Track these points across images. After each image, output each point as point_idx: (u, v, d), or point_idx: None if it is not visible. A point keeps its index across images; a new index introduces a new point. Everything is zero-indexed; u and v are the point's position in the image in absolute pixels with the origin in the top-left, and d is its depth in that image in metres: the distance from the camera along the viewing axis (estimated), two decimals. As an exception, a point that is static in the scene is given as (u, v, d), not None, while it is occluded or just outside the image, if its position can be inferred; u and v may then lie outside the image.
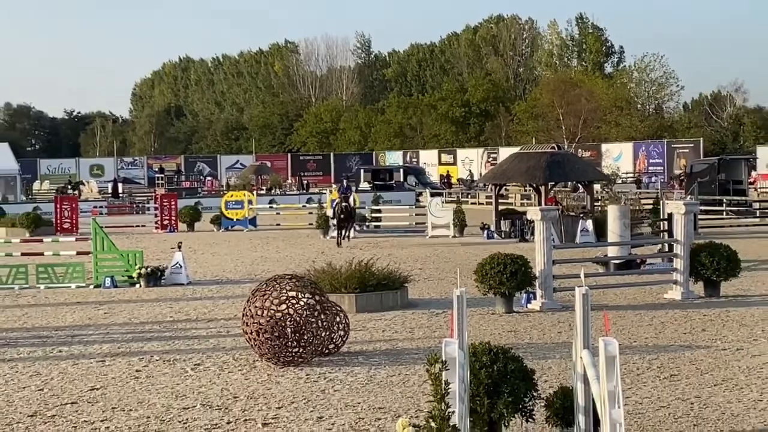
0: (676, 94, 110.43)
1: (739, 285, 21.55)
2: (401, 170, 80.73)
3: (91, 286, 23.76)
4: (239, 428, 10.94)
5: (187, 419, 11.36)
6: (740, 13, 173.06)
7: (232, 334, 16.63)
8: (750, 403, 11.72)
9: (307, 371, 13.80)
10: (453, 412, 6.55)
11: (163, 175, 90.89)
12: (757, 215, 45.58)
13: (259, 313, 14.17)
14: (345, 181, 39.15)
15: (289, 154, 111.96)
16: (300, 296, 14.36)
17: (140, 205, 61.75)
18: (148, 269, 24.01)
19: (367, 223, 42.72)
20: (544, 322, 17.82)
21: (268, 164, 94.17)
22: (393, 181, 72.98)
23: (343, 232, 35.12)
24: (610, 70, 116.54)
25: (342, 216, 34.35)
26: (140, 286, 23.66)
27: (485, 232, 37.20)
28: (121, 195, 72.77)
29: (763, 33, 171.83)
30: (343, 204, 34.54)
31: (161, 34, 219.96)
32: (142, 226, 46.31)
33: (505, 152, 75.65)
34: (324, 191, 58.16)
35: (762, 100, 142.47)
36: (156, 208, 46.74)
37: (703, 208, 41.24)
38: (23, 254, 26.30)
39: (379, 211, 46.37)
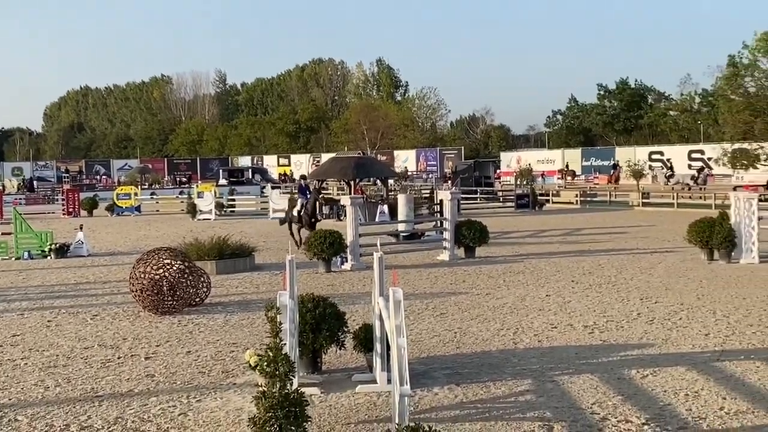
0: (445, 115, 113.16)
1: (488, 249, 22.14)
2: (250, 170, 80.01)
3: (13, 258, 22.76)
4: (127, 362, 10.63)
5: (87, 356, 10.97)
6: (491, 56, 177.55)
7: (122, 292, 16.12)
8: (495, 331, 12.04)
9: (179, 318, 13.53)
10: (285, 344, 6.52)
11: (68, 175, 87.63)
12: (501, 200, 46.91)
13: (142, 276, 13.82)
14: (303, 181, 27.86)
15: (165, 159, 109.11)
16: (173, 263, 14.08)
17: (51, 196, 59.29)
18: (57, 245, 23.16)
19: (224, 209, 42.12)
20: (353, 278, 17.93)
21: (150, 166, 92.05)
22: (244, 178, 72.00)
23: (298, 233, 23.45)
24: (400, 98, 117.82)
25: (313, 220, 23.42)
26: (51, 258, 22.73)
27: (311, 214, 37.19)
28: (36, 190, 69.51)
29: (505, 72, 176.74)
30: (309, 205, 23.36)
31: (66, 67, 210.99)
32: (53, 213, 44.66)
33: (325, 156, 75.69)
34: (191, 186, 56.96)
35: (504, 121, 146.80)
36: (63, 200, 44.98)
37: (464, 196, 42.31)
38: (-42, 235, 25.05)
39: (233, 200, 45.90)
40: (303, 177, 30.46)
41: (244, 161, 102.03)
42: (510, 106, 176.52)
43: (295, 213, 23.71)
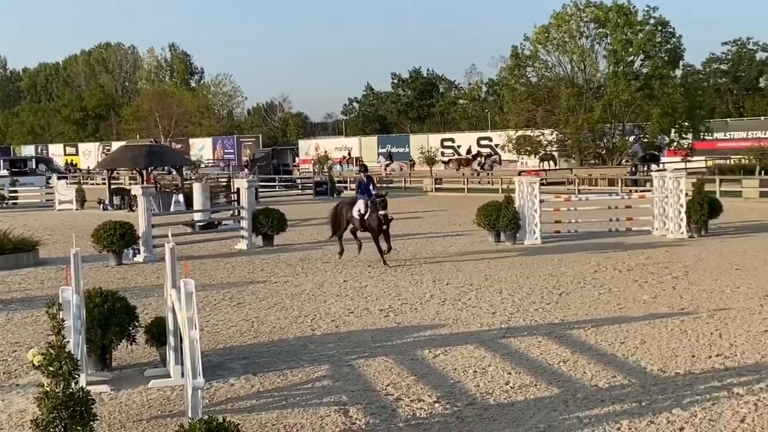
0: (241, 102, 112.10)
1: (286, 237, 22.15)
2: (34, 160, 75.77)
3: None
4: None
5: None
6: (286, 43, 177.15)
7: None
8: (292, 319, 12.08)
9: (-45, 319, 12.65)
10: (68, 341, 6.24)
11: None
12: (300, 188, 47.09)
13: None
14: (364, 174, 18.53)
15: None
16: (-54, 260, 13.15)
17: None
18: None
19: (5, 201, 39.78)
20: (146, 271, 17.42)
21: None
22: (27, 168, 68.01)
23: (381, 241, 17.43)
24: (195, 84, 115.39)
25: (377, 220, 17.07)
26: None
27: (101, 205, 35.98)
28: None
29: (301, 59, 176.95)
30: (378, 199, 17.18)
31: None
32: None
33: (116, 145, 73.11)
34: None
35: (302, 108, 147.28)
36: None
37: (262, 184, 42.21)
38: None
39: (16, 191, 43.40)
40: (364, 168, 20.13)
41: (28, 150, 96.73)
42: (307, 93, 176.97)
43: (356, 214, 17.57)
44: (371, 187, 17.83)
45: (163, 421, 7.69)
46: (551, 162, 52.51)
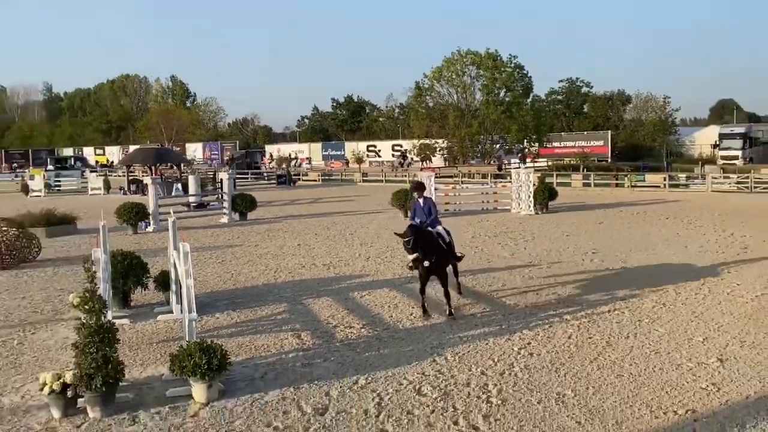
0: (223, 118, 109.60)
1: (257, 214, 21.77)
2: (73, 158, 72.78)
3: None
4: (-32, 309, 9.39)
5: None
6: (257, 74, 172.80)
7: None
8: (260, 271, 11.91)
9: (16, 272, 12.19)
10: (98, 287, 6.09)
11: None
12: (266, 179, 46.32)
13: (-20, 241, 12.25)
14: (416, 183, 9.21)
15: (2, 151, 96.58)
16: (9, 229, 12.70)
17: None
18: None
19: (52, 189, 38.21)
20: (155, 238, 16.99)
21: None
22: (68, 165, 65.27)
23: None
24: (189, 105, 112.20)
25: (426, 259, 7.99)
26: None
27: (122, 191, 34.91)
28: None
29: (267, 86, 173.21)
30: (421, 227, 8.34)
31: None
32: None
33: (132, 148, 70.66)
34: (24, 171, 50.97)
35: (267, 122, 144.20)
36: None
37: (239, 176, 41.50)
38: None
39: (59, 181, 41.68)
40: (418, 186, 9.14)
41: (68, 151, 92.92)
42: (272, 111, 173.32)
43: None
44: (432, 213, 8.88)
45: (167, 343, 7.57)
46: (429, 161, 52.94)
